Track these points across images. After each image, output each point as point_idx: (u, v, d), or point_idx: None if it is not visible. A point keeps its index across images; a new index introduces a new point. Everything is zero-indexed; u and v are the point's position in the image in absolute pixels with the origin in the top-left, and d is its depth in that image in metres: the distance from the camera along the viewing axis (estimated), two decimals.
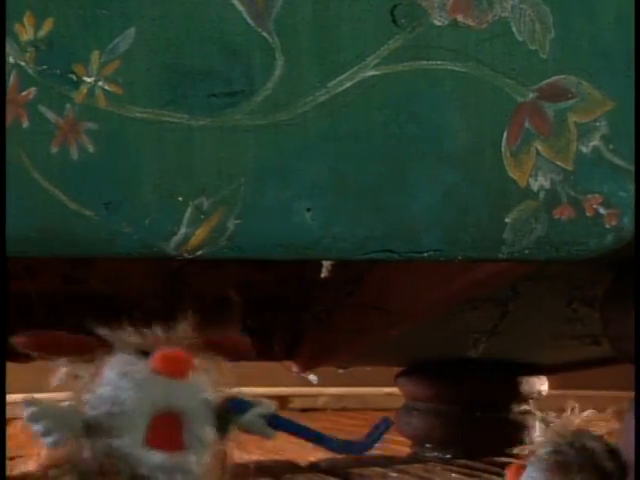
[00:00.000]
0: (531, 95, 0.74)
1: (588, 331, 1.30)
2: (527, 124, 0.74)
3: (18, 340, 0.64)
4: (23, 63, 0.71)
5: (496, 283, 1.02)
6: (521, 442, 1.68)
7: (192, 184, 0.73)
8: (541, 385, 1.83)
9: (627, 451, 0.76)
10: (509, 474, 0.80)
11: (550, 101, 0.74)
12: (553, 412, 0.81)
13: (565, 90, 0.74)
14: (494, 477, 1.54)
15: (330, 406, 3.25)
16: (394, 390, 2.18)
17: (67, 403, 0.61)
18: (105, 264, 1.39)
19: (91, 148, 0.72)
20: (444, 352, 1.67)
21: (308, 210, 0.74)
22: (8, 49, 0.70)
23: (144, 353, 0.62)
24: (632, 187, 0.75)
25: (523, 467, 0.78)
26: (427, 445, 1.85)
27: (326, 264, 1.37)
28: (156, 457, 0.58)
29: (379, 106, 0.74)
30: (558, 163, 0.75)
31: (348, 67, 0.73)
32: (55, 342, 0.64)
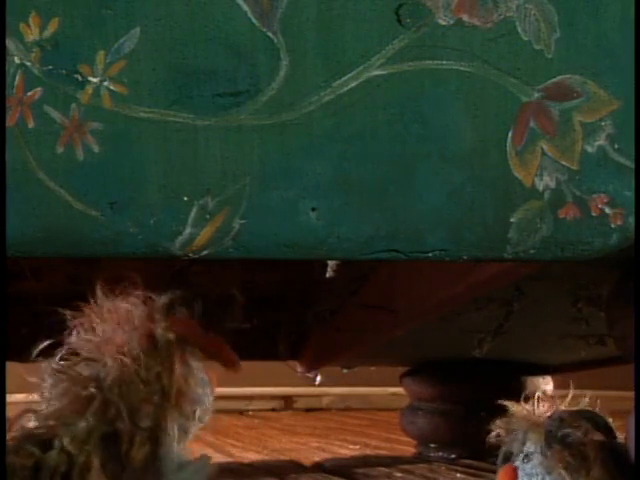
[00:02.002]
0: (536, 95, 0.74)
1: (593, 331, 1.29)
2: (532, 124, 0.74)
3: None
4: (29, 63, 0.71)
5: (501, 283, 1.02)
6: None
7: (197, 184, 0.73)
8: (546, 385, 1.82)
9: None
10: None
11: (555, 101, 0.74)
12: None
13: (570, 89, 0.74)
14: None
15: (334, 406, 3.25)
16: (399, 390, 2.18)
17: None
18: (110, 264, 1.39)
19: (96, 148, 0.72)
20: (449, 352, 1.67)
21: (313, 210, 0.74)
22: (14, 49, 0.71)
23: None
24: (635, 188, 0.75)
25: (514, 469, 0.78)
26: (432, 445, 1.85)
27: (331, 264, 1.37)
28: None
29: (384, 106, 0.74)
30: (563, 163, 0.75)
31: (353, 67, 0.73)
32: None
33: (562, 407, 0.79)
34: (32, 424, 0.61)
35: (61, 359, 0.64)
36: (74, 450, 0.59)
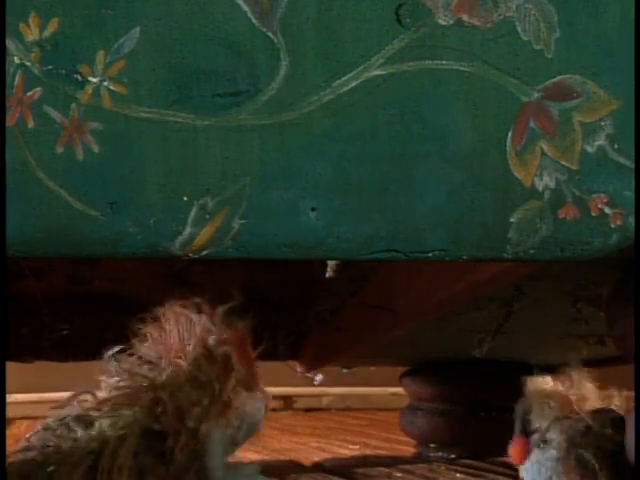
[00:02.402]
0: (536, 95, 0.74)
1: (593, 331, 1.29)
2: (532, 124, 0.74)
3: None
4: (28, 63, 0.71)
5: (501, 283, 1.01)
6: None
7: (197, 184, 0.73)
8: (546, 385, 1.82)
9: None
10: (515, 452, 0.79)
11: (555, 101, 0.74)
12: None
13: (570, 89, 0.74)
14: (499, 477, 1.53)
15: (334, 406, 3.25)
16: (398, 390, 2.18)
17: None
18: (110, 264, 1.39)
19: (96, 148, 0.72)
20: (449, 352, 1.67)
21: (313, 210, 0.74)
22: (13, 49, 0.70)
23: None
24: (635, 187, 0.75)
25: (526, 444, 0.79)
26: (432, 445, 1.85)
27: (331, 264, 1.37)
28: None
29: (384, 106, 0.74)
30: (563, 163, 0.75)
31: (353, 67, 0.73)
32: None
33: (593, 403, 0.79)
34: (87, 405, 0.65)
35: (127, 362, 0.67)
36: (111, 432, 0.62)
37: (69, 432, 0.62)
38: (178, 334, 0.67)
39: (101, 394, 0.66)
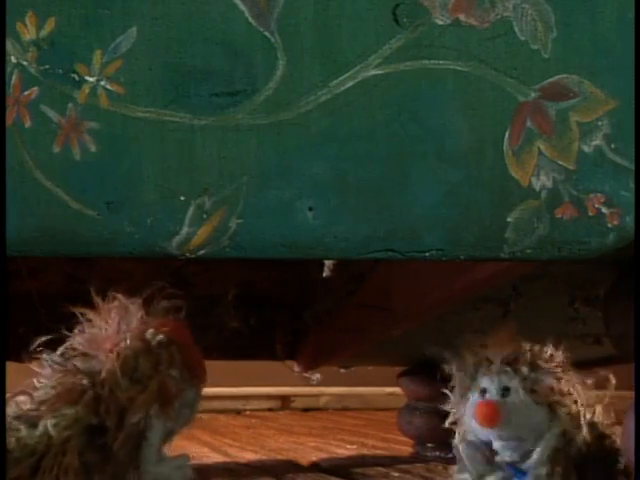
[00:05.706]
0: (533, 94, 0.74)
1: (590, 330, 1.29)
2: (529, 123, 0.74)
3: None
4: (25, 63, 0.71)
5: (498, 283, 1.02)
6: None
7: (194, 183, 0.73)
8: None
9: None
10: (488, 415, 0.81)
11: (552, 100, 0.74)
12: None
13: (567, 89, 0.75)
14: None
15: (332, 406, 3.26)
16: (396, 390, 2.18)
17: None
18: (107, 263, 1.39)
19: (93, 148, 0.72)
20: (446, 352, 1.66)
21: (310, 209, 0.74)
22: (10, 49, 0.70)
23: None
24: (634, 186, 0.75)
25: (496, 403, 0.80)
26: (429, 445, 1.85)
27: (328, 263, 1.37)
28: None
29: (381, 106, 0.74)
30: (560, 162, 0.75)
31: (350, 67, 0.73)
32: None
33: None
34: (26, 406, 0.64)
35: (61, 354, 0.67)
36: (55, 433, 0.62)
37: (11, 431, 0.62)
38: (116, 326, 0.66)
39: (37, 393, 0.65)
